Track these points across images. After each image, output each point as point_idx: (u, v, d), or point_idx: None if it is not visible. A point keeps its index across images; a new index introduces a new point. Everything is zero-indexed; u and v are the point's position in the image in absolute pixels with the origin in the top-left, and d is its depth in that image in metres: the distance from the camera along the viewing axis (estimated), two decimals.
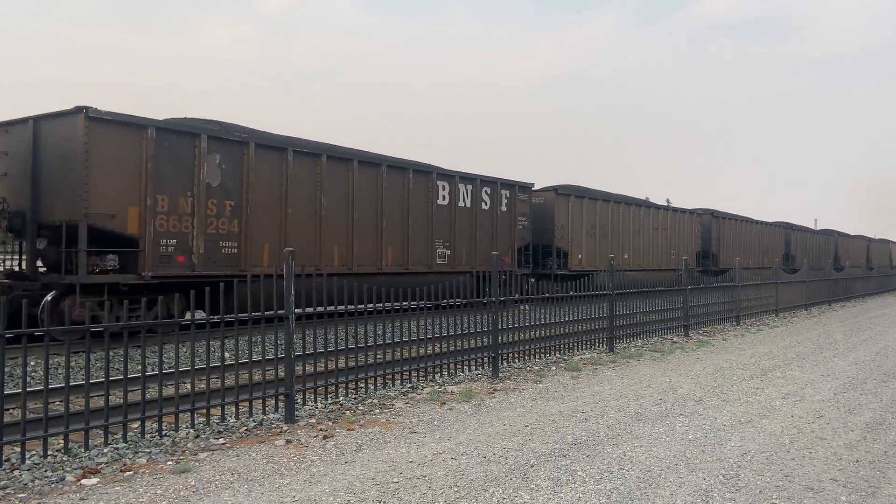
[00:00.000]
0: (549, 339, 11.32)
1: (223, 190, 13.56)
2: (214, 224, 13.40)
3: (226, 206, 13.58)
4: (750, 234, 36.82)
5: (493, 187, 20.47)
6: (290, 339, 6.98)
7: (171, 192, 12.79)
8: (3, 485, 4.87)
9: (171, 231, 12.78)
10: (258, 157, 14.12)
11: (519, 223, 21.45)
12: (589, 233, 24.74)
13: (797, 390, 8.98)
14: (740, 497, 4.92)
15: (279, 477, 5.24)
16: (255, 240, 13.98)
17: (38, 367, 9.82)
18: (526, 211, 21.86)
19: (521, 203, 21.67)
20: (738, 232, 35.63)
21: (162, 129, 12.73)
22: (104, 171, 11.93)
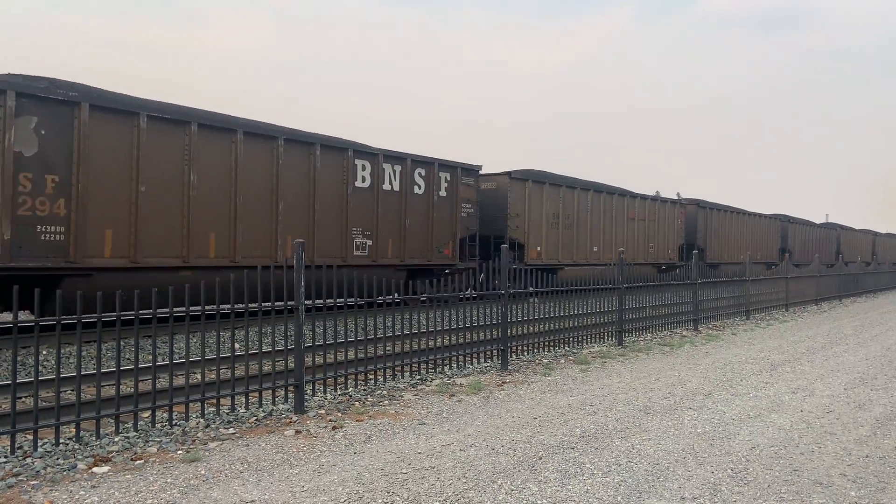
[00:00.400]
0: (558, 333, 11.31)
1: (42, 161, 10.66)
2: (29, 203, 10.53)
3: (47, 181, 10.71)
4: (741, 227, 34.10)
5: (428, 168, 17.63)
6: (300, 329, 7.01)
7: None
8: (15, 472, 4.92)
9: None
10: (96, 121, 11.24)
11: (463, 210, 18.72)
12: (551, 223, 22.06)
13: (807, 385, 8.94)
14: (749, 491, 4.91)
15: (289, 467, 5.27)
16: (92, 225, 11.20)
17: (49, 357, 9.91)
18: (472, 197, 19.11)
19: (466, 188, 18.90)
20: (727, 224, 32.89)
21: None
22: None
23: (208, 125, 12.93)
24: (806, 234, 40.97)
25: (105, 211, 11.45)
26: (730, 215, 33.20)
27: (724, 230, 32.51)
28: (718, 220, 32.07)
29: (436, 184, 17.83)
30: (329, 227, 15.17)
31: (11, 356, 5.28)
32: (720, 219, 32.25)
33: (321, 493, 4.72)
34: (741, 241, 33.73)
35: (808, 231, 41.61)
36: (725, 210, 32.93)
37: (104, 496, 4.56)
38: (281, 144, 14.19)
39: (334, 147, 15.38)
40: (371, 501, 4.57)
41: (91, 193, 11.22)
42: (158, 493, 4.64)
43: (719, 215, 32.23)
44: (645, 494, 4.79)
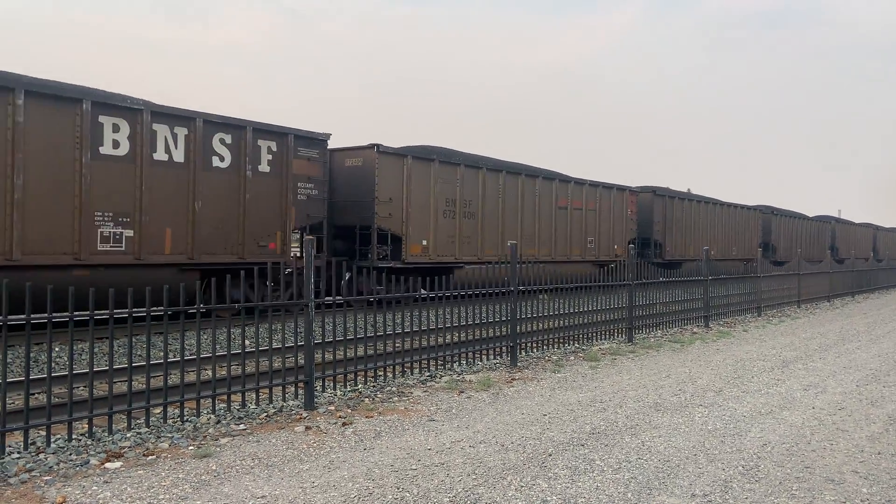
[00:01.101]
0: (568, 329, 11.29)
1: None
2: None
3: None
4: (711, 219, 30.16)
5: (237, 135, 13.39)
6: (309, 326, 7.03)
7: None
8: (29, 467, 4.96)
9: None
10: None
11: (301, 192, 14.62)
12: (442, 211, 17.83)
13: (819, 382, 8.89)
14: (760, 488, 4.89)
15: (299, 462, 5.29)
16: None
17: (62, 353, 9.98)
18: (316, 174, 14.92)
19: (307, 163, 14.74)
20: (693, 216, 28.77)
21: None
22: None
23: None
24: (794, 228, 37.28)
25: None
26: (696, 205, 29.16)
27: (689, 222, 28.59)
28: (680, 210, 28.04)
29: (253, 156, 13.67)
30: (55, 213, 11.00)
31: (25, 353, 5.32)
32: (682, 209, 28.18)
33: (331, 488, 4.74)
34: (711, 234, 29.88)
35: (797, 224, 37.83)
36: (689, 199, 29.02)
37: (117, 491, 4.59)
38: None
39: (57, 97, 11.02)
40: (381, 497, 4.58)
41: None
42: (170, 489, 4.67)
43: (681, 205, 28.15)
44: (655, 491, 4.78)
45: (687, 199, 28.91)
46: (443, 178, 18.01)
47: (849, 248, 39.84)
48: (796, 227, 37.61)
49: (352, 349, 7.99)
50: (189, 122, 12.74)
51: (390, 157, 16.78)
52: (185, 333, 6.57)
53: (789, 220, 37.09)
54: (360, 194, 16.55)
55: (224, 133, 13.30)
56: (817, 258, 31.00)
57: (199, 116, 12.85)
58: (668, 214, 27.25)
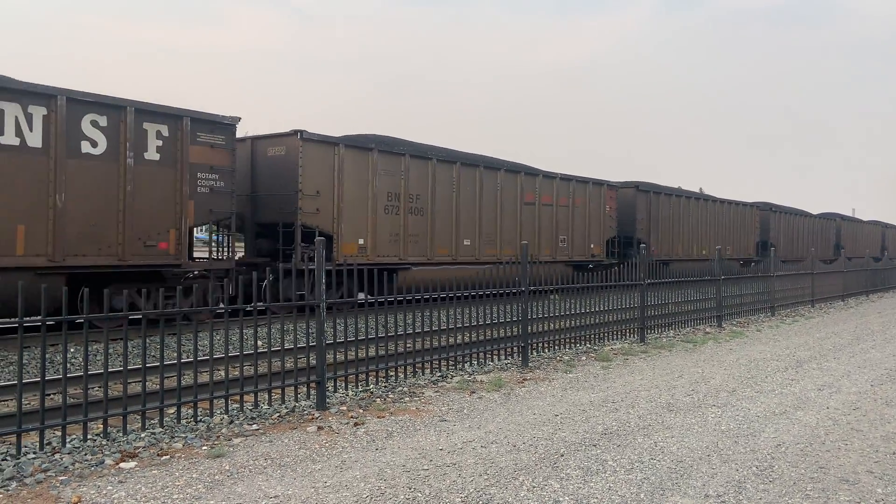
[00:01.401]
0: (580, 329, 11.26)
1: None
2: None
3: None
4: (702, 216, 28.64)
5: (115, 116, 11.60)
6: (321, 327, 7.05)
7: None
8: (44, 467, 5.01)
9: None
10: None
11: (201, 184, 12.79)
12: (385, 206, 16.34)
13: (833, 382, 8.83)
14: (774, 488, 4.86)
15: (311, 462, 5.31)
16: None
17: (77, 354, 10.06)
18: (223, 163, 13.09)
19: (209, 150, 12.90)
20: (681, 212, 27.21)
21: None
22: None
23: None
24: (795, 226, 35.71)
25: None
26: (684, 201, 27.62)
27: (677, 220, 27.07)
28: (668, 206, 26.54)
29: (135, 141, 11.83)
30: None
31: (40, 354, 5.37)
32: (671, 205, 26.72)
33: (343, 488, 4.75)
34: (703, 232, 28.59)
35: (799, 222, 36.22)
36: (678, 195, 27.52)
37: (131, 491, 4.63)
38: None
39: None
40: (393, 497, 4.59)
41: None
42: (184, 489, 4.70)
43: (668, 201, 26.60)
44: (668, 492, 4.76)
45: (674, 194, 27.39)
46: (385, 171, 16.39)
47: (856, 247, 39.02)
48: (798, 224, 36.16)
49: (363, 349, 8.00)
50: (49, 99, 10.87)
51: (316, 146, 15.04)
52: (198, 335, 6.61)
53: (790, 217, 35.52)
54: (281, 187, 14.88)
55: (97, 114, 11.42)
56: (822, 258, 29.45)
57: (61, 94, 10.99)
58: (652, 211, 25.64)
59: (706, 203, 29.32)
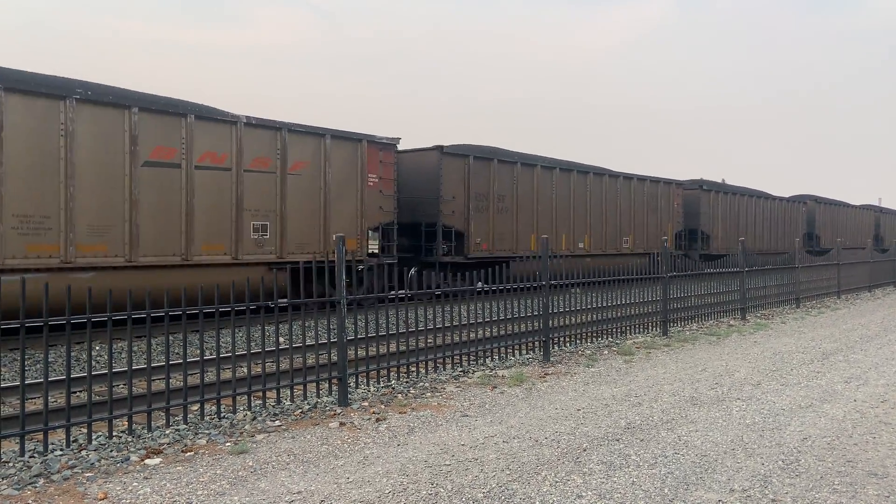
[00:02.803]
0: (601, 323, 11.19)
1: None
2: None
3: None
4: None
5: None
6: (342, 323, 7.07)
7: None
8: (71, 464, 5.08)
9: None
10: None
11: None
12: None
13: (860, 374, 8.69)
14: (800, 482, 4.80)
15: (334, 458, 5.33)
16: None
17: (102, 352, 10.20)
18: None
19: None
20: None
21: None
22: None
23: None
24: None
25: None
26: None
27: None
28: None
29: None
30: None
31: (66, 352, 5.44)
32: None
33: (366, 484, 4.76)
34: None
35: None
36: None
37: (156, 487, 4.68)
38: None
39: None
40: (415, 493, 4.59)
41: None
42: (208, 485, 4.74)
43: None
44: (692, 486, 4.72)
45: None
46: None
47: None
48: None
49: (384, 345, 8.02)
50: None
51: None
52: (220, 331, 6.67)
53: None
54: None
55: None
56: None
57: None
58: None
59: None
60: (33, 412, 6.19)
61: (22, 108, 10.83)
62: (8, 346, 10.20)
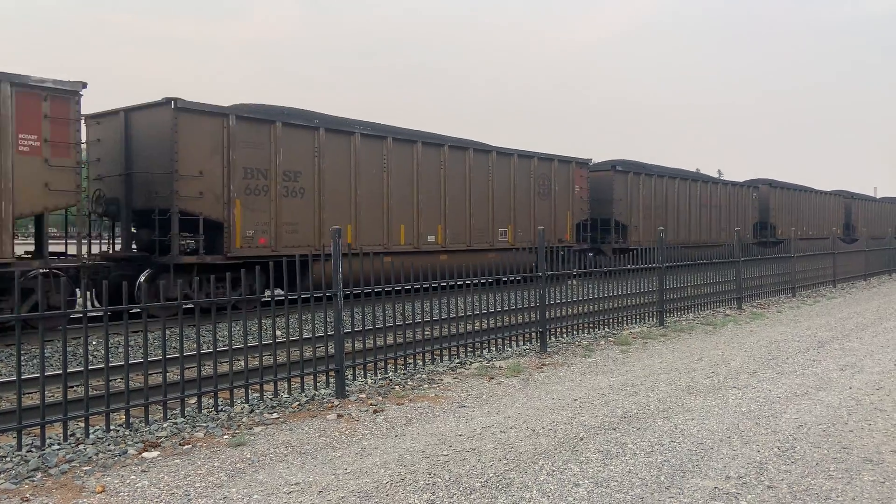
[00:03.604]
0: (598, 314, 11.22)
1: None
2: None
3: None
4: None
5: None
6: (339, 315, 7.07)
7: None
8: (69, 458, 5.08)
9: None
10: None
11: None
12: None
13: (855, 362, 8.73)
14: (796, 469, 4.82)
15: (331, 450, 5.34)
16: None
17: (99, 347, 10.19)
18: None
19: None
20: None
21: None
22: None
23: None
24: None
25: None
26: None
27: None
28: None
29: None
30: None
31: (62, 347, 5.43)
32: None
33: (364, 475, 4.77)
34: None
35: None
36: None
37: (154, 480, 4.68)
38: None
39: None
40: (413, 483, 4.61)
41: None
42: (206, 477, 4.74)
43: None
44: (689, 474, 4.74)
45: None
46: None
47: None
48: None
49: (381, 337, 8.02)
50: None
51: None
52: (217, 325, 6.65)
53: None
54: None
55: None
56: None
57: None
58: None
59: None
60: (30, 407, 6.19)
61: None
62: (4, 342, 10.18)
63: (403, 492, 4.46)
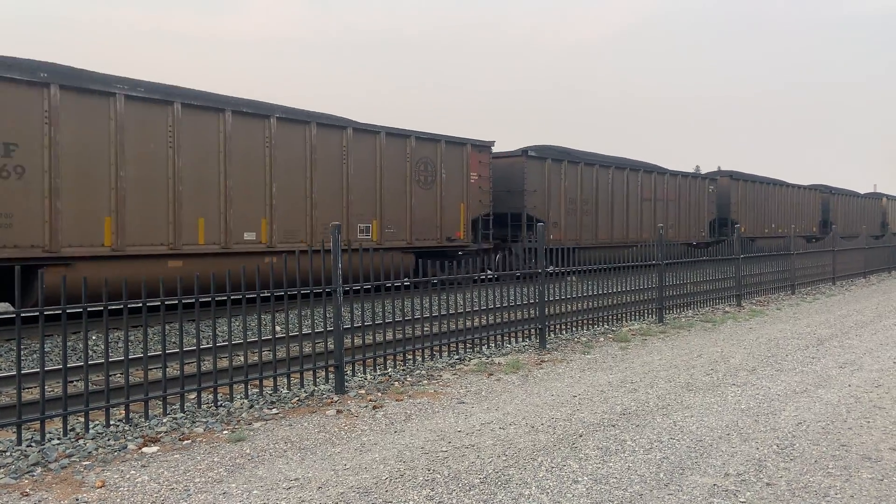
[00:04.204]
0: (597, 311, 11.22)
1: None
2: None
3: None
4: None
5: None
6: (338, 311, 7.08)
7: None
8: (68, 453, 5.08)
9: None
10: None
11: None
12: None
13: (855, 359, 8.74)
14: (795, 466, 4.83)
15: (331, 446, 5.35)
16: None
17: (98, 342, 10.19)
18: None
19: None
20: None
21: None
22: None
23: None
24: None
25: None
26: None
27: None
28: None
29: None
30: None
31: (62, 342, 5.43)
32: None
33: (363, 471, 4.78)
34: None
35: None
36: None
37: (154, 475, 4.69)
38: None
39: None
40: (412, 479, 4.61)
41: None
42: (206, 472, 4.75)
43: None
44: (688, 471, 4.75)
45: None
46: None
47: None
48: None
49: (381, 333, 8.02)
50: None
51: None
52: (216, 321, 6.65)
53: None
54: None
55: None
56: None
57: None
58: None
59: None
60: (30, 401, 6.19)
61: None
62: (4, 337, 10.18)
63: (403, 488, 4.47)
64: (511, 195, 19.59)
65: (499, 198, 19.00)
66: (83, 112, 11.04)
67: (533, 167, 19.77)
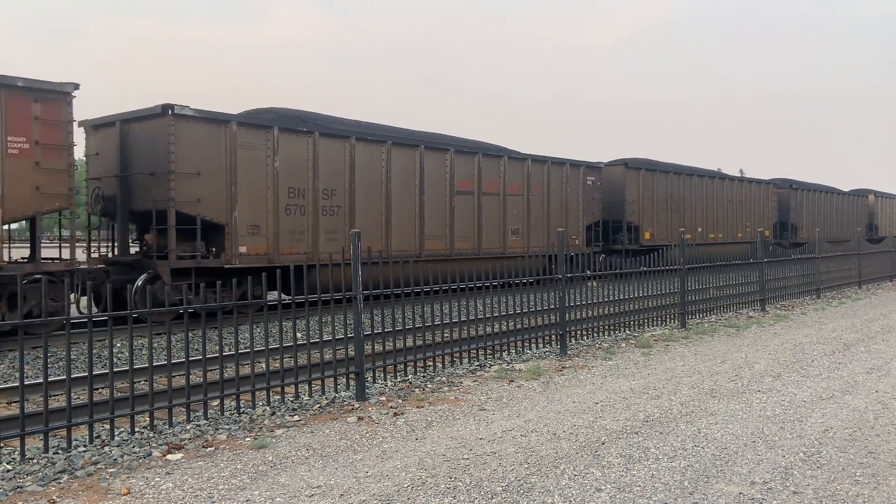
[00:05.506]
0: (619, 316, 11.15)
1: None
2: None
3: None
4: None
5: None
6: (359, 318, 7.10)
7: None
8: (94, 460, 5.14)
9: None
10: None
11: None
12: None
13: (882, 364, 8.59)
14: (822, 474, 4.76)
15: (352, 453, 5.36)
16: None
17: (123, 349, 10.31)
18: None
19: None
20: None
21: None
22: None
23: None
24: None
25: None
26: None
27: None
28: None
29: None
30: None
31: (87, 350, 5.50)
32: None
33: (385, 478, 4.78)
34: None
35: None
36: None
37: (178, 482, 4.73)
38: None
39: None
40: (434, 486, 4.61)
41: None
42: (229, 479, 4.78)
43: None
44: (713, 479, 4.69)
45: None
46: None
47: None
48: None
49: (401, 340, 8.04)
50: None
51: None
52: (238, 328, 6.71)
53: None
54: None
55: None
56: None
57: None
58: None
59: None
60: (57, 409, 6.27)
61: None
62: (30, 345, 10.33)
63: (424, 495, 4.46)
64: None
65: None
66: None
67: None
